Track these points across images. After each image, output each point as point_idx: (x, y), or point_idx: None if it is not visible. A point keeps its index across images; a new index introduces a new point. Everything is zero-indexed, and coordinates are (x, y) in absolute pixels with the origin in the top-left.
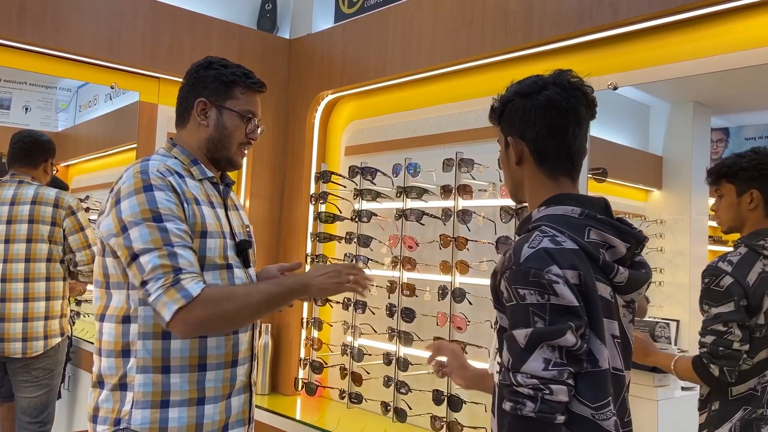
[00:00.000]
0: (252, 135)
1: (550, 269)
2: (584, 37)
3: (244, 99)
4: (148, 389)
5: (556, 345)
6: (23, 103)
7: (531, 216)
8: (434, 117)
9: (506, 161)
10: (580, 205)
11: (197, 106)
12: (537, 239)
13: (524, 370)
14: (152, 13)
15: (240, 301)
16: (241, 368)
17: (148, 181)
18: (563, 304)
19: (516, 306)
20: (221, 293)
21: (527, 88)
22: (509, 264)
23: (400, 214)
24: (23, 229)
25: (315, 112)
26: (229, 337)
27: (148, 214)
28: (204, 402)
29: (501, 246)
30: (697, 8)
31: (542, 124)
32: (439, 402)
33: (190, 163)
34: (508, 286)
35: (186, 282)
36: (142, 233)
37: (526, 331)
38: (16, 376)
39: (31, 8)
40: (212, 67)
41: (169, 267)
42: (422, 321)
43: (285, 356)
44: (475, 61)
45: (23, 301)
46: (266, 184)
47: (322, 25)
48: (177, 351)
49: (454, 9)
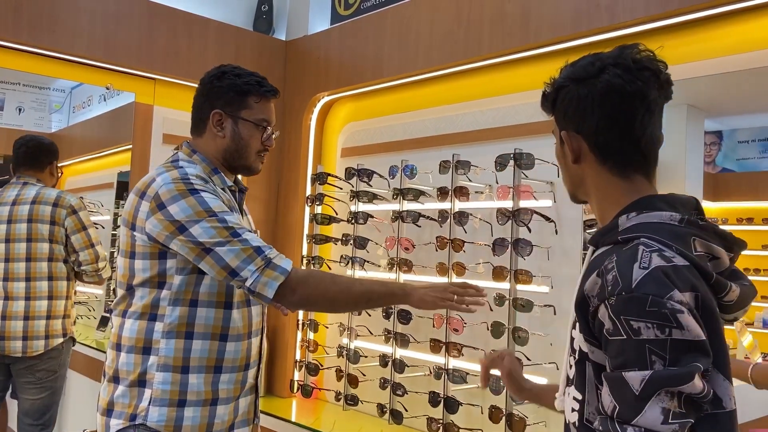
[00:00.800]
0: (268, 142)
1: (671, 295)
2: (581, 40)
3: (258, 107)
4: (166, 387)
5: (677, 392)
6: (16, 103)
7: (617, 224)
8: (431, 119)
9: (562, 157)
10: (674, 209)
11: (213, 118)
12: (646, 256)
13: (638, 422)
14: (148, 14)
15: (339, 288)
16: (251, 371)
17: (192, 186)
18: (688, 339)
19: (626, 342)
20: (323, 276)
21: (581, 72)
22: (614, 289)
23: (396, 215)
24: (23, 229)
25: (311, 113)
26: (245, 341)
27: (204, 214)
28: (217, 403)
29: (498, 248)
30: (692, 12)
31: (601, 115)
32: (435, 404)
33: (211, 172)
34: (614, 317)
35: (276, 259)
36: (205, 229)
37: (643, 374)
38: (19, 378)
39: (26, 8)
40: (226, 77)
41: (250, 250)
42: (419, 322)
43: (281, 358)
44: (472, 63)
45: (24, 300)
46: (262, 186)
47: (318, 26)
48: (197, 352)
49: (451, 11)
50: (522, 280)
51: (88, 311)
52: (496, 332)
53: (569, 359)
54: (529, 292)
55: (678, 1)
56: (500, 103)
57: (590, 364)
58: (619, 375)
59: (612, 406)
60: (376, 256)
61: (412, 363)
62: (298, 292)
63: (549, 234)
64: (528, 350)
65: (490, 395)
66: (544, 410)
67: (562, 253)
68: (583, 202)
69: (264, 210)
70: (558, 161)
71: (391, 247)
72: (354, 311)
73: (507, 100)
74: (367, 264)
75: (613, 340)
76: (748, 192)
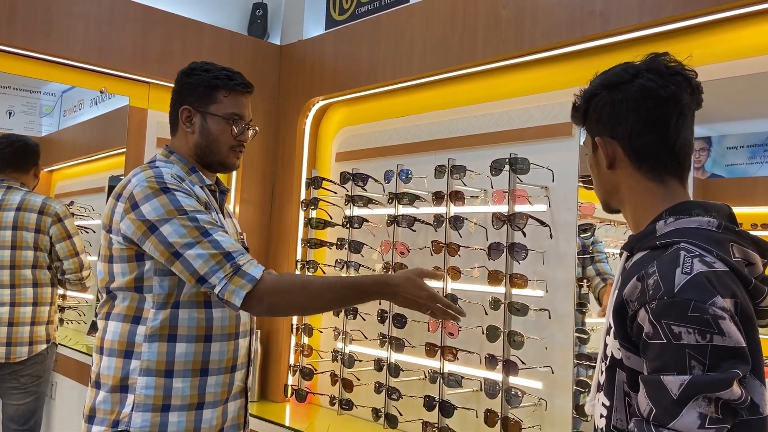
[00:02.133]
0: (241, 137)
1: (714, 301)
2: (575, 47)
3: (228, 102)
4: (150, 392)
5: (716, 397)
6: (7, 107)
7: (654, 229)
8: (426, 124)
9: (595, 166)
10: (710, 215)
11: (182, 114)
12: (688, 261)
13: (674, 426)
14: (143, 18)
15: (309, 294)
16: (239, 373)
17: (165, 185)
18: (729, 346)
19: (666, 346)
20: (293, 281)
21: (615, 78)
22: (656, 293)
23: (391, 220)
24: (7, 236)
25: (306, 118)
26: (231, 342)
27: (175, 213)
28: (203, 407)
29: (494, 252)
30: (686, 19)
31: (636, 119)
32: (430, 408)
33: (188, 171)
34: (655, 321)
35: (246, 266)
36: (175, 228)
37: (682, 378)
38: (3, 383)
39: (21, 12)
40: (194, 73)
41: (219, 255)
42: (413, 327)
43: (274, 363)
44: (467, 69)
45: (9, 306)
46: (256, 190)
47: (313, 31)
48: (182, 355)
49: (445, 17)
50: (517, 284)
51: (78, 316)
52: (491, 336)
53: (601, 365)
54: (525, 296)
55: (671, 7)
56: (495, 109)
57: (622, 372)
58: (657, 378)
59: (648, 409)
60: (371, 260)
61: (407, 367)
62: (266, 301)
63: (544, 238)
64: (523, 354)
65: (485, 399)
66: (539, 414)
67: (557, 257)
68: (616, 210)
69: (258, 214)
70: (591, 171)
71: (386, 251)
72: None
73: (502, 106)
74: (362, 268)
75: (652, 343)
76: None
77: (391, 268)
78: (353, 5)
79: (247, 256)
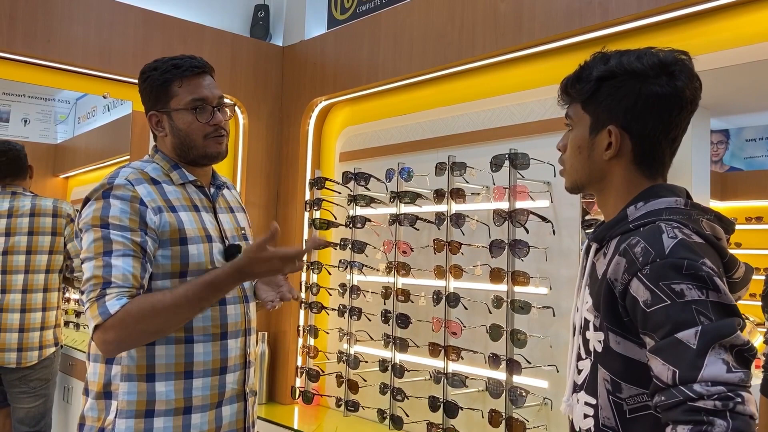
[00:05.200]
0: (213, 120)
1: (704, 261)
2: (574, 38)
3: (184, 91)
4: (132, 398)
5: (729, 344)
6: (22, 115)
7: (625, 215)
8: (427, 121)
9: (587, 149)
10: (677, 196)
11: (151, 121)
12: (670, 230)
13: (704, 377)
14: (143, 22)
15: (165, 314)
16: (231, 376)
17: (110, 189)
18: (724, 303)
19: (671, 306)
20: (141, 310)
21: (645, 68)
22: (646, 258)
23: (393, 219)
24: (23, 241)
25: (309, 118)
26: (217, 342)
27: (98, 221)
28: (191, 411)
29: (495, 250)
30: (686, 6)
31: (657, 119)
32: (435, 408)
33: (170, 169)
34: (653, 285)
35: (109, 298)
36: (87, 239)
37: (696, 329)
38: (12, 388)
39: (21, 18)
40: (144, 78)
41: (100, 279)
42: (417, 327)
43: (282, 365)
44: (466, 65)
45: (20, 312)
46: (261, 191)
47: (314, 31)
48: (162, 358)
49: (444, 12)
50: (519, 281)
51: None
52: (494, 335)
53: (577, 364)
54: (528, 294)
55: None
56: (495, 104)
57: (603, 369)
58: (672, 339)
59: (671, 373)
60: (374, 259)
61: (412, 367)
62: (111, 334)
63: (547, 234)
64: (527, 352)
65: (490, 399)
66: (545, 413)
67: (560, 253)
68: (583, 193)
69: (263, 215)
70: (575, 150)
71: (388, 250)
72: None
73: (501, 101)
74: (366, 268)
75: (654, 310)
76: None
77: (394, 268)
78: (354, 4)
79: (125, 289)
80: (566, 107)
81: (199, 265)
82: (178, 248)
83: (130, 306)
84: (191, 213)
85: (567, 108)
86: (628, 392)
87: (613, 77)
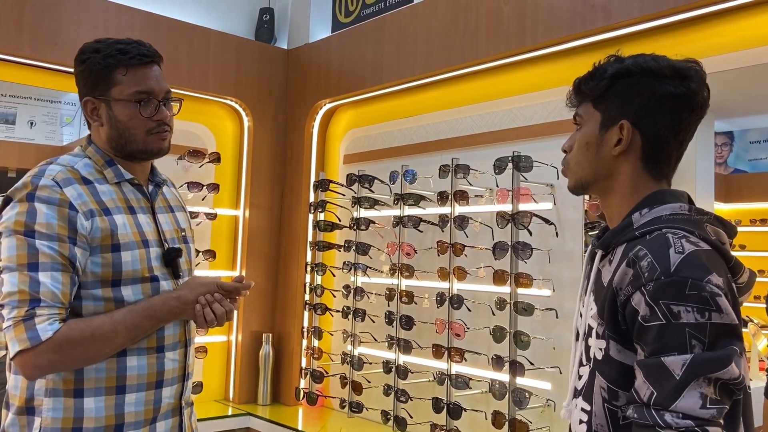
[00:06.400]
0: (158, 116)
1: (709, 279)
2: (577, 42)
3: (128, 80)
4: (58, 415)
5: (715, 378)
6: (28, 117)
7: (630, 222)
8: (430, 124)
9: (596, 145)
10: (681, 201)
11: (86, 107)
12: (678, 242)
13: (677, 408)
14: (149, 26)
15: (102, 341)
16: (168, 389)
17: (35, 191)
18: (726, 323)
19: (666, 327)
20: (81, 337)
21: (663, 68)
22: (651, 274)
23: (397, 221)
24: None
25: (313, 121)
26: (153, 355)
27: (21, 228)
28: (123, 428)
29: (498, 252)
30: (686, 11)
31: (668, 118)
32: (438, 410)
33: (104, 165)
34: (653, 302)
35: (40, 320)
36: (9, 246)
37: (684, 358)
38: None
39: (28, 22)
40: (83, 58)
41: (26, 295)
42: (421, 328)
43: (286, 366)
44: (470, 68)
45: None
46: (265, 193)
47: (319, 34)
48: (92, 371)
49: (448, 16)
50: (522, 283)
51: None
52: (497, 337)
53: (578, 370)
54: (532, 296)
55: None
56: (498, 107)
57: (601, 377)
58: (657, 360)
59: (649, 393)
60: (378, 261)
61: (416, 369)
62: (44, 359)
63: (550, 237)
64: (530, 354)
65: (493, 401)
66: (548, 415)
67: (563, 255)
68: (586, 193)
69: (268, 218)
70: (583, 147)
71: (392, 252)
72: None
73: (504, 104)
74: (370, 270)
75: (650, 326)
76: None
77: (398, 270)
78: (358, 7)
79: (55, 311)
80: (575, 108)
81: (134, 272)
82: (110, 255)
83: (67, 331)
84: (126, 216)
85: (577, 108)
86: (624, 400)
87: (629, 75)
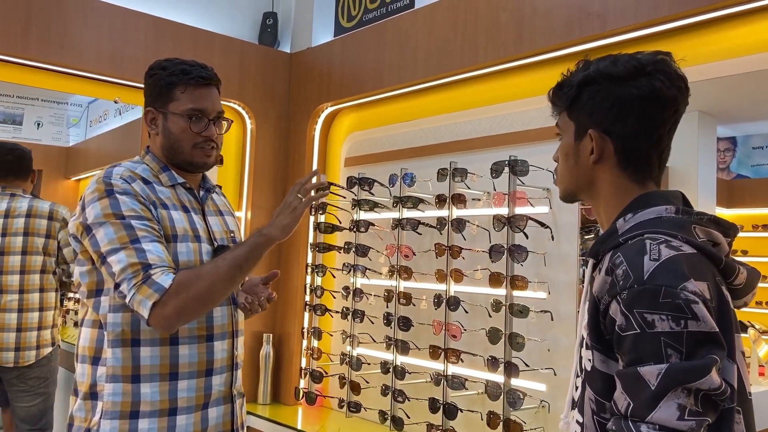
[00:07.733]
0: (206, 133)
1: (685, 286)
2: (574, 48)
3: (185, 98)
4: (117, 399)
5: (695, 388)
6: (35, 118)
7: (615, 228)
8: (430, 128)
9: (574, 155)
10: (669, 203)
11: (146, 117)
12: (654, 248)
13: (653, 419)
14: (154, 29)
15: (209, 277)
16: (218, 377)
17: (110, 186)
18: (704, 331)
19: (640, 335)
20: (189, 276)
21: (621, 71)
22: (625, 283)
23: (396, 223)
24: (18, 242)
25: (315, 124)
26: (202, 344)
27: (111, 217)
28: (176, 413)
29: (495, 254)
30: (681, 18)
31: (636, 120)
32: (435, 410)
33: (159, 170)
34: (627, 311)
35: (156, 276)
36: (107, 232)
37: (659, 368)
38: (11, 387)
39: (35, 25)
40: (153, 73)
41: (138, 265)
42: (419, 329)
43: (286, 366)
44: (468, 73)
45: (17, 312)
46: (267, 195)
47: (322, 38)
48: (147, 359)
49: (447, 22)
50: (518, 286)
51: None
52: (493, 338)
53: (575, 380)
54: (527, 298)
55: (667, 7)
56: (495, 112)
57: (590, 389)
58: (633, 371)
59: (626, 404)
60: (377, 263)
61: (413, 369)
62: (170, 307)
63: (546, 240)
64: (525, 356)
65: (488, 401)
66: (542, 416)
67: (559, 258)
68: (576, 200)
69: (269, 219)
70: (563, 157)
71: (391, 254)
72: (234, 289)
73: (502, 109)
74: (369, 271)
75: (626, 335)
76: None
77: (396, 272)
78: (360, 12)
79: (166, 268)
80: (557, 117)
81: (188, 263)
82: (169, 245)
83: (179, 277)
84: (181, 212)
85: (557, 118)
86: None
87: (592, 83)
